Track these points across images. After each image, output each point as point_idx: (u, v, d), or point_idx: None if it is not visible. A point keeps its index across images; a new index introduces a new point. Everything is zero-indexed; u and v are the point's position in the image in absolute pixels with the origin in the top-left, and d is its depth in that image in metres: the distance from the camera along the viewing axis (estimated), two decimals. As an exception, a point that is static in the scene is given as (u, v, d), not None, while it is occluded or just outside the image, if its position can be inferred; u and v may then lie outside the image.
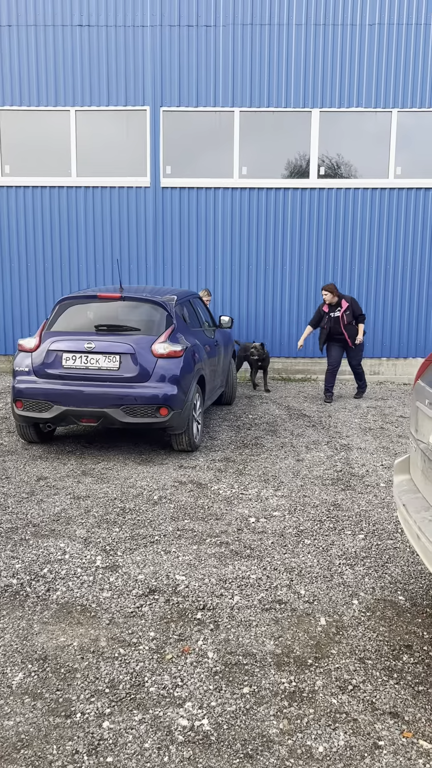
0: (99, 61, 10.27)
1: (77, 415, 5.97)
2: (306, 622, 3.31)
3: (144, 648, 3.06)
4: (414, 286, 10.61)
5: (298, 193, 10.51)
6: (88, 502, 5.01)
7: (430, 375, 3.40)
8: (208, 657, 2.99)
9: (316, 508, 4.94)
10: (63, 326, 6.37)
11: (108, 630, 3.21)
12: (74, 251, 10.70)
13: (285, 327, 10.79)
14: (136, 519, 4.67)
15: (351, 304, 8.93)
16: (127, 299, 6.46)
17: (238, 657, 3.00)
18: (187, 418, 6.13)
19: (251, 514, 4.81)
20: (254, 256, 10.65)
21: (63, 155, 10.57)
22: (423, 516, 3.06)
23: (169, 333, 6.18)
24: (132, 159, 10.57)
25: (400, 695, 2.74)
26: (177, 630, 3.21)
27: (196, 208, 10.57)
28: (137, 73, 10.28)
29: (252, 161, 10.54)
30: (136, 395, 5.89)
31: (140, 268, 10.72)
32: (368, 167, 10.50)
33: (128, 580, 3.72)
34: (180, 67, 10.25)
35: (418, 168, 10.44)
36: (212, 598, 3.53)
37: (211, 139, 10.54)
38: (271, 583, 3.72)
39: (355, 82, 10.20)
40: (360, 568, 3.93)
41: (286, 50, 10.16)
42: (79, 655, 2.99)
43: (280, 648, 3.07)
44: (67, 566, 3.90)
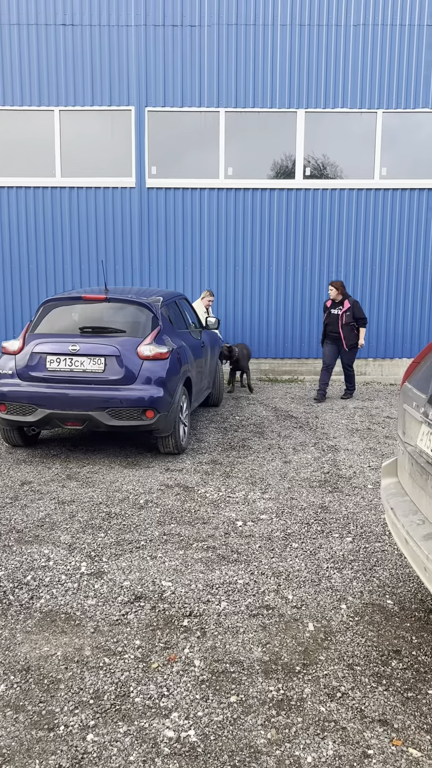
0: (83, 60, 10.18)
1: (62, 418, 5.90)
2: (294, 627, 3.27)
3: (129, 657, 3.00)
4: (400, 286, 10.63)
5: (284, 194, 10.49)
6: (73, 507, 4.94)
7: (416, 377, 3.37)
8: (194, 665, 2.94)
9: (303, 511, 4.91)
10: (47, 328, 6.29)
11: (93, 639, 3.15)
12: (59, 252, 10.60)
13: (272, 328, 10.76)
14: (121, 524, 4.61)
15: (353, 305, 8.94)
16: (112, 301, 6.39)
17: (225, 665, 2.95)
18: (173, 421, 6.08)
19: (238, 517, 4.77)
20: (240, 257, 10.61)
21: (47, 155, 10.47)
22: (411, 520, 3.03)
23: (154, 335, 6.13)
24: (117, 159, 10.49)
25: (389, 702, 2.70)
26: (163, 638, 3.16)
27: (182, 208, 10.52)
28: (122, 73, 10.20)
29: (238, 162, 10.50)
30: (121, 398, 5.82)
31: (126, 269, 10.65)
32: (354, 168, 10.50)
33: (113, 587, 3.66)
34: (165, 67, 10.19)
35: (404, 169, 10.45)
36: (199, 604, 3.48)
37: (197, 139, 10.49)
38: (259, 588, 3.67)
39: (340, 83, 10.20)
40: (348, 572, 3.90)
41: (271, 50, 10.14)
42: (62, 665, 2.93)
43: (267, 655, 3.03)
44: (51, 573, 3.83)
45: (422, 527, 2.93)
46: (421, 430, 3.13)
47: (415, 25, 10.01)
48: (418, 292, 10.62)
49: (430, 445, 2.97)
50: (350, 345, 9.05)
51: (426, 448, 3.01)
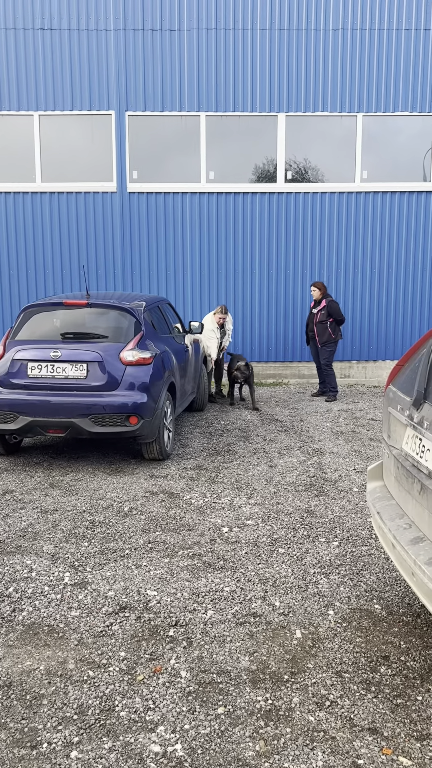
0: (62, 65, 10.12)
1: (44, 425, 5.81)
2: (281, 635, 3.22)
3: (114, 669, 2.94)
4: (382, 289, 10.67)
5: (266, 198, 10.49)
6: (56, 516, 4.87)
7: (400, 380, 3.36)
8: (181, 676, 2.88)
9: (289, 516, 4.87)
10: (28, 335, 6.20)
11: (76, 651, 3.08)
12: (40, 258, 10.50)
13: (255, 331, 10.74)
14: (105, 532, 4.55)
15: (328, 305, 9.15)
16: (93, 306, 6.33)
17: (212, 675, 2.90)
18: (157, 427, 6.02)
19: (224, 523, 4.72)
20: (223, 261, 10.59)
21: (27, 160, 10.38)
22: (397, 524, 3.00)
23: (137, 340, 6.07)
24: (98, 164, 10.43)
25: (379, 710, 2.67)
26: (149, 649, 3.10)
27: (164, 213, 10.48)
28: (101, 77, 10.15)
29: (219, 166, 10.49)
30: (104, 404, 5.76)
31: (108, 274, 10.58)
32: (335, 171, 10.54)
33: (98, 598, 3.60)
34: (145, 71, 10.15)
35: (384, 172, 10.50)
36: (185, 613, 3.43)
37: (178, 143, 10.46)
38: (246, 595, 3.63)
39: (320, 87, 10.23)
40: (335, 577, 3.86)
41: (251, 55, 10.15)
42: (46, 680, 2.86)
43: (255, 664, 2.98)
44: (34, 584, 3.76)
45: (409, 531, 2.90)
46: (406, 433, 3.10)
47: (393, 29, 10.08)
48: (400, 294, 10.67)
49: (415, 448, 2.94)
50: (323, 342, 9.31)
51: (411, 452, 2.99)
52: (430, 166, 10.47)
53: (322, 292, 9.31)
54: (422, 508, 2.81)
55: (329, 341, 9.31)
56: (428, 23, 10.07)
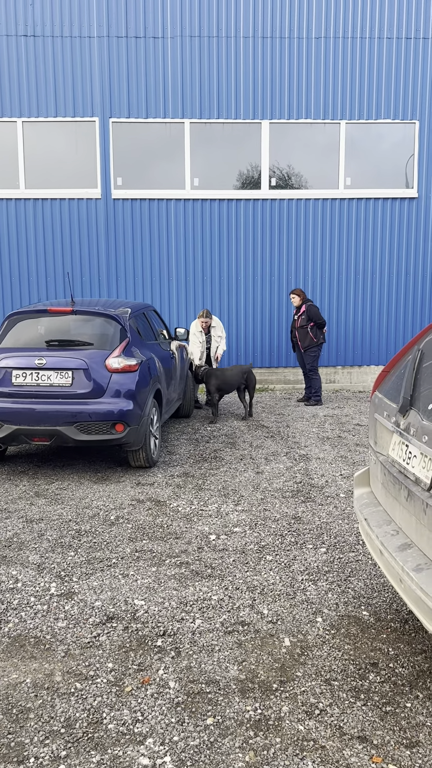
0: (46, 71, 10.10)
1: (29, 434, 5.77)
2: (270, 643, 3.21)
3: (102, 681, 2.91)
4: (366, 294, 10.73)
5: (250, 204, 10.52)
6: (42, 525, 4.82)
7: (386, 386, 3.37)
8: (169, 687, 2.86)
9: (277, 522, 4.87)
10: (12, 342, 6.16)
11: (63, 663, 3.04)
12: (24, 265, 10.44)
13: (241, 337, 10.75)
14: (92, 541, 4.51)
15: (307, 310, 9.23)
16: (78, 313, 6.30)
17: (201, 685, 2.88)
18: (144, 434, 5.99)
19: (211, 531, 4.70)
20: (208, 268, 10.60)
21: (10, 167, 10.34)
22: (385, 530, 3.01)
23: (123, 347, 6.05)
24: (82, 170, 10.40)
25: (368, 717, 2.66)
26: (136, 659, 3.07)
27: (148, 219, 10.47)
28: (85, 84, 10.14)
29: (204, 172, 10.51)
30: (90, 412, 5.72)
31: (93, 281, 10.54)
32: (319, 178, 10.60)
33: (84, 608, 3.56)
34: (129, 78, 10.16)
35: (367, 178, 10.58)
36: (173, 622, 3.40)
37: (162, 150, 10.47)
38: (234, 603, 3.61)
39: (303, 94, 10.30)
40: (323, 584, 3.86)
41: (235, 62, 10.19)
42: (32, 693, 2.82)
43: (244, 673, 2.97)
44: (20, 595, 3.71)
45: (396, 538, 2.91)
46: (392, 440, 3.11)
47: (375, 38, 10.18)
48: (384, 300, 10.74)
49: (401, 454, 2.95)
50: (305, 347, 9.40)
51: (398, 458, 3.00)
52: (412, 173, 10.57)
53: (301, 298, 9.41)
54: (409, 515, 2.82)
55: (311, 345, 9.37)
56: (410, 32, 10.18)
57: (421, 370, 2.97)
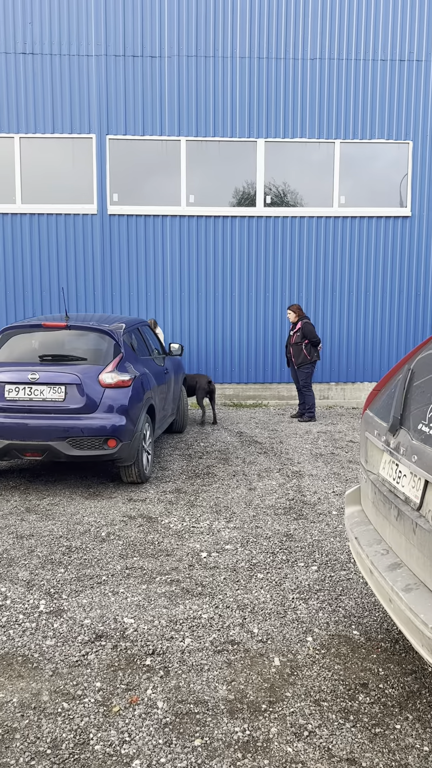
0: (44, 89, 10.20)
1: (21, 448, 5.75)
2: (259, 663, 3.19)
3: (89, 701, 2.88)
4: (360, 311, 10.80)
5: (245, 221, 10.60)
6: (32, 542, 4.79)
7: (377, 405, 3.38)
8: (157, 707, 2.84)
9: (268, 540, 4.85)
10: (5, 357, 6.16)
11: (51, 682, 3.01)
12: (19, 279, 10.47)
13: (235, 353, 10.79)
14: (82, 558, 4.48)
15: (303, 327, 9.27)
16: (72, 328, 6.31)
17: (190, 705, 2.85)
18: (136, 449, 5.98)
19: (203, 548, 4.69)
20: (203, 283, 10.65)
21: (7, 182, 10.40)
22: (375, 550, 3.00)
23: (116, 362, 6.05)
24: (78, 186, 10.48)
25: (357, 739, 2.64)
26: (125, 678, 3.05)
27: (144, 235, 10.53)
28: (83, 101, 10.24)
29: (199, 190, 10.60)
30: (82, 427, 5.71)
31: (88, 296, 10.57)
32: (313, 196, 10.70)
33: (73, 626, 3.53)
34: (126, 96, 10.27)
35: (361, 197, 10.69)
36: (162, 641, 3.38)
37: (159, 167, 10.56)
38: (224, 622, 3.59)
39: (299, 114, 10.42)
40: (314, 602, 3.84)
41: (231, 82, 10.32)
42: (19, 713, 2.79)
43: (233, 693, 2.94)
44: (8, 612, 3.68)
45: (386, 557, 2.91)
46: (383, 459, 3.12)
47: (370, 59, 10.33)
48: (377, 317, 10.80)
49: (392, 474, 2.96)
50: (299, 363, 9.45)
51: (388, 477, 3.01)
52: (406, 192, 10.68)
53: (297, 314, 9.46)
54: (399, 534, 2.82)
55: (305, 363, 9.40)
56: (403, 54, 10.34)
57: (412, 389, 2.99)
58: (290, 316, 9.52)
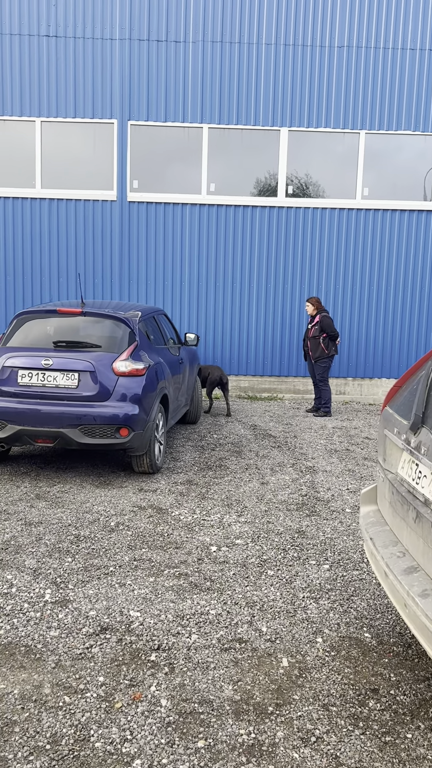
0: (66, 72, 10.09)
1: (32, 435, 5.69)
2: (267, 663, 3.10)
3: (92, 695, 2.81)
4: (380, 306, 10.61)
5: (266, 212, 10.45)
6: (41, 529, 4.74)
7: (398, 402, 3.26)
8: (160, 705, 2.76)
9: (280, 536, 4.76)
10: (20, 341, 6.10)
11: (53, 675, 2.95)
12: (37, 264, 10.42)
13: (252, 345, 10.66)
14: (90, 548, 4.42)
15: (321, 320, 9.14)
16: (88, 315, 6.23)
17: (194, 705, 2.77)
18: (148, 439, 5.91)
19: (213, 542, 4.60)
20: (222, 273, 10.53)
21: (28, 166, 10.33)
22: (391, 552, 2.90)
23: (131, 350, 5.97)
24: (98, 172, 10.38)
25: (366, 747, 2.55)
26: (129, 674, 2.97)
27: (163, 223, 10.42)
28: (105, 85, 10.13)
29: (220, 178, 10.45)
30: (95, 415, 5.64)
31: (105, 283, 10.50)
32: (336, 187, 10.51)
33: (78, 617, 3.47)
34: (149, 81, 10.13)
35: (385, 190, 10.48)
36: (168, 636, 3.30)
37: (180, 154, 10.43)
38: (232, 619, 3.51)
39: (324, 103, 10.22)
40: (324, 602, 3.75)
41: (256, 69, 10.14)
42: (19, 705, 2.73)
43: (239, 694, 2.86)
44: (13, 601, 3.63)
45: (403, 560, 2.80)
46: (402, 458, 3.01)
47: (398, 48, 10.10)
48: (398, 313, 10.61)
49: (411, 474, 2.85)
50: (316, 357, 9.31)
51: (407, 477, 2.89)
52: (431, 185, 10.45)
53: (316, 307, 9.31)
54: (417, 537, 2.71)
55: (322, 357, 9.26)
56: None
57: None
58: (308, 308, 9.38)
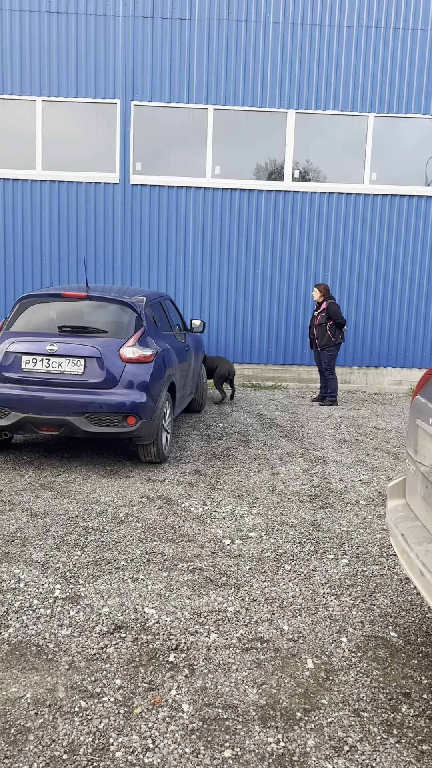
0: (68, 50, 9.80)
1: (37, 422, 5.51)
2: (292, 664, 2.95)
3: (109, 699, 2.65)
4: (387, 293, 10.42)
5: (272, 196, 10.22)
6: (47, 520, 4.57)
7: (430, 389, 3.09)
8: (183, 710, 2.60)
9: (294, 528, 4.60)
10: (23, 326, 5.90)
11: (67, 677, 2.79)
12: (37, 248, 10.18)
13: (256, 332, 10.47)
14: (100, 540, 4.25)
15: (328, 307, 8.96)
16: (93, 299, 6.03)
17: (218, 710, 2.62)
18: (156, 428, 5.73)
19: (226, 534, 4.44)
20: (225, 259, 10.31)
21: (28, 147, 10.06)
22: (426, 549, 2.73)
23: (138, 336, 5.78)
24: (101, 154, 10.12)
25: (403, 757, 2.40)
26: (147, 676, 2.82)
27: (166, 206, 10.19)
28: (108, 64, 9.85)
29: (225, 161, 10.21)
30: (101, 402, 5.46)
31: (107, 267, 10.27)
32: (343, 172, 10.28)
33: (91, 614, 3.31)
34: (153, 60, 9.86)
35: (394, 175, 10.26)
36: (186, 635, 3.15)
37: (184, 136, 10.17)
38: (251, 617, 3.35)
39: (332, 85, 9.97)
40: (346, 599, 3.59)
41: (263, 48, 9.87)
42: (33, 710, 2.57)
43: (264, 698, 2.71)
44: (22, 597, 3.46)
45: (439, 558, 2.64)
46: (437, 450, 2.84)
47: (409, 29, 9.84)
48: (404, 300, 10.43)
49: (449, 467, 2.68)
50: (322, 345, 9.13)
51: (444, 470, 2.73)
52: (440, 170, 10.24)
53: (322, 293, 9.12)
54: (456, 534, 2.55)
55: (329, 344, 9.08)
56: (445, 24, 9.83)
57: None
58: (315, 294, 9.18)
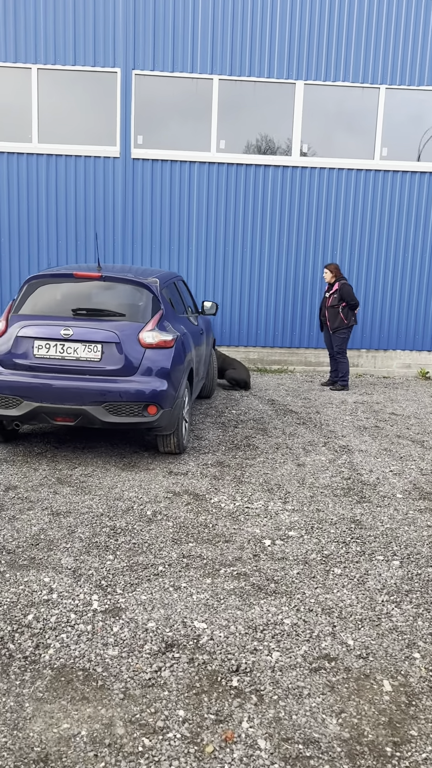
0: (65, 15, 9.24)
1: (51, 412, 5.14)
2: (367, 687, 2.67)
3: (175, 735, 2.35)
4: (397, 274, 10.12)
5: (278, 171, 9.81)
6: (71, 520, 4.24)
7: None
8: (259, 748, 2.31)
9: (335, 526, 4.32)
10: (33, 309, 5.51)
11: (124, 709, 2.48)
12: (33, 225, 9.70)
13: (261, 313, 10.13)
14: (131, 542, 3.93)
15: (340, 288, 8.64)
16: (108, 279, 5.64)
17: (298, 746, 2.33)
18: (177, 418, 5.40)
19: (264, 534, 4.15)
20: (231, 236, 9.91)
21: (23, 118, 9.53)
22: None
23: (157, 319, 5.42)
24: (100, 126, 9.62)
25: None
26: (212, 705, 2.52)
27: (169, 182, 9.74)
28: (107, 30, 9.31)
29: (231, 135, 9.77)
30: (120, 391, 5.11)
31: (107, 245, 9.83)
32: (353, 147, 9.89)
33: (137, 630, 3.00)
34: (155, 27, 9.34)
35: (406, 150, 9.90)
36: (245, 654, 2.85)
37: (188, 108, 9.70)
38: (311, 630, 3.06)
39: (342, 54, 9.54)
40: (408, 607, 3.32)
41: (270, 16, 9.39)
42: (91, 751, 2.26)
43: (346, 729, 2.42)
44: (57, 610, 3.14)
45: None
46: None
47: (424, -5, 9.41)
48: (415, 281, 10.13)
49: None
50: (334, 328, 8.83)
51: None
52: (454, 146, 9.89)
53: (334, 274, 8.79)
54: None
55: (341, 327, 8.77)
56: (461, -9, 9.41)
57: None
58: (326, 275, 8.84)
